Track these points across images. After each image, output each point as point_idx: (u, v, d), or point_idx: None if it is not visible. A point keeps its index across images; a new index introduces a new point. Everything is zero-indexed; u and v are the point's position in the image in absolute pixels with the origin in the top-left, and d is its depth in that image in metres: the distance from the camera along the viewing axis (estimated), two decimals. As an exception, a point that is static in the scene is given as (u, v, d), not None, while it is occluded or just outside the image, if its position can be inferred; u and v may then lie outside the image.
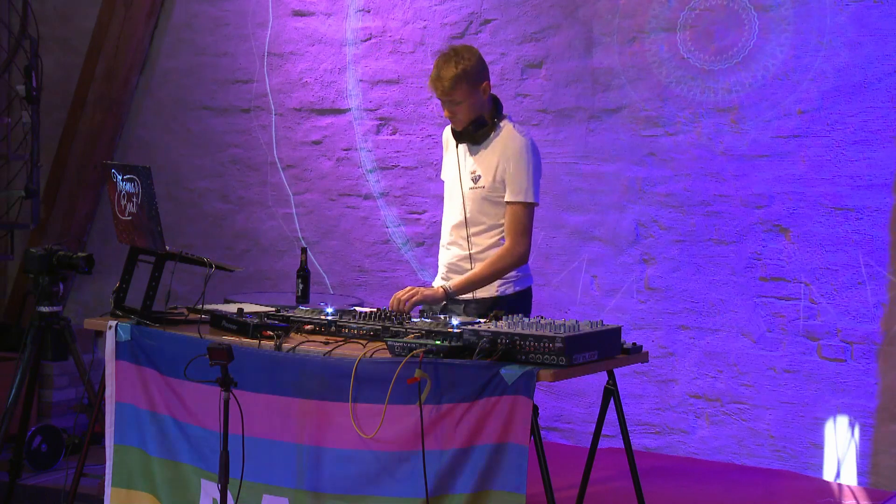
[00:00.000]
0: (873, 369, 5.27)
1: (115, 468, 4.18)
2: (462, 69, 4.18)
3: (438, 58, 4.25)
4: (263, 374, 3.79)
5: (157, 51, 6.84)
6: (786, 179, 5.41)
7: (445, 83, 4.18)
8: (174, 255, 4.16)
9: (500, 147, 4.26)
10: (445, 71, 4.18)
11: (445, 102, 4.25)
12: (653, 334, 5.67)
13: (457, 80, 4.17)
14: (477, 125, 4.26)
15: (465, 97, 4.21)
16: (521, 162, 4.23)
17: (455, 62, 4.19)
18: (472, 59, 4.22)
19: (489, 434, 3.44)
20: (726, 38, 5.48)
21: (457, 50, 4.25)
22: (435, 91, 4.25)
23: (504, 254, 4.26)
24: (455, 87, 4.18)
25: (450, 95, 4.20)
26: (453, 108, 4.24)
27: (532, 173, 4.25)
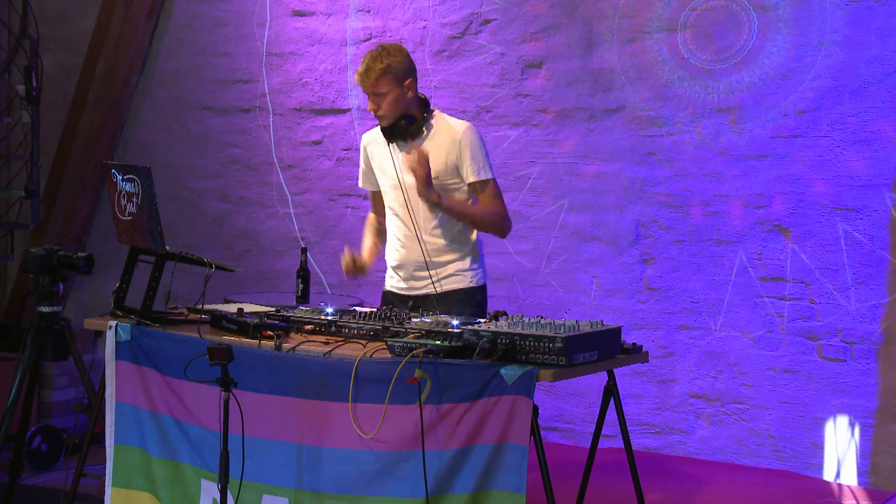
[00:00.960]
0: (873, 369, 5.27)
1: (115, 468, 4.18)
2: (387, 63, 4.26)
3: (366, 54, 4.34)
4: (263, 374, 3.79)
5: (157, 51, 6.84)
6: (786, 179, 5.41)
7: (371, 75, 4.26)
8: (174, 255, 4.16)
9: (442, 135, 4.31)
10: (371, 64, 4.27)
11: (370, 95, 4.31)
12: (653, 334, 5.67)
13: (381, 72, 4.25)
14: (408, 121, 4.30)
15: (388, 89, 4.26)
16: (473, 143, 4.30)
17: (381, 58, 4.27)
18: (398, 56, 4.30)
19: (489, 434, 3.44)
20: (726, 38, 5.48)
21: (385, 47, 4.34)
22: (361, 84, 4.32)
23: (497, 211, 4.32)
24: (379, 79, 4.25)
25: (374, 87, 4.26)
26: (378, 101, 4.29)
27: (485, 152, 4.34)
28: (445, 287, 4.36)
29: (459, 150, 4.28)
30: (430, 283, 4.33)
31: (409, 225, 4.37)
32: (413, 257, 4.38)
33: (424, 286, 4.37)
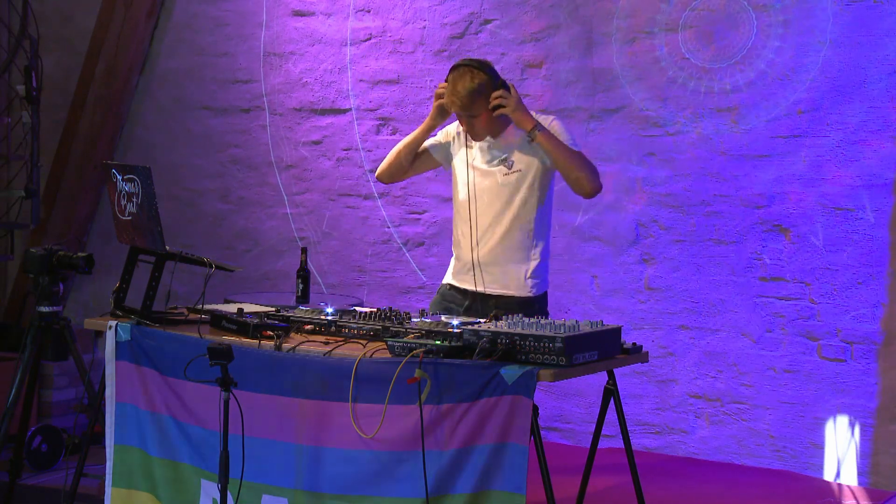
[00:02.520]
0: (873, 369, 5.27)
1: (115, 468, 4.18)
2: (478, 83, 4.17)
3: (452, 71, 4.22)
4: (263, 374, 3.79)
5: (157, 51, 6.84)
6: (786, 179, 5.41)
7: (463, 98, 4.16)
8: (174, 255, 4.16)
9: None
10: (461, 85, 4.17)
11: (463, 117, 4.24)
12: (653, 334, 5.67)
13: (474, 94, 4.16)
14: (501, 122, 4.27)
15: (482, 110, 4.20)
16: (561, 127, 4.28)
17: (470, 76, 4.17)
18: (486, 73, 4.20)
19: (489, 434, 3.44)
20: (726, 38, 5.48)
21: (472, 64, 4.22)
22: (453, 106, 4.22)
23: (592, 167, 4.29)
24: (472, 102, 4.18)
25: (469, 110, 4.20)
26: (471, 122, 4.24)
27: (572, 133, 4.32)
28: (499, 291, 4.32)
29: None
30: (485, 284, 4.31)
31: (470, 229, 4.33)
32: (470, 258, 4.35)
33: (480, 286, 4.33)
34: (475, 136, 4.29)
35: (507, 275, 4.31)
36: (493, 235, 4.32)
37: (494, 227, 4.31)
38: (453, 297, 4.41)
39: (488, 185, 4.31)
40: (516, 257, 4.32)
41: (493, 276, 4.32)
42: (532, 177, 4.29)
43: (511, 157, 4.29)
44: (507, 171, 4.29)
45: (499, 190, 4.30)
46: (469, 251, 4.35)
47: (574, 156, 4.26)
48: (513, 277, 4.31)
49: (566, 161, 4.24)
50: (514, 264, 4.31)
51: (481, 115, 4.21)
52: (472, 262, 4.33)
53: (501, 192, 4.30)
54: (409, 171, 4.55)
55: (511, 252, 4.31)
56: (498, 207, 4.30)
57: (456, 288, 4.43)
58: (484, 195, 4.31)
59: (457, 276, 4.44)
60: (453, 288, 4.45)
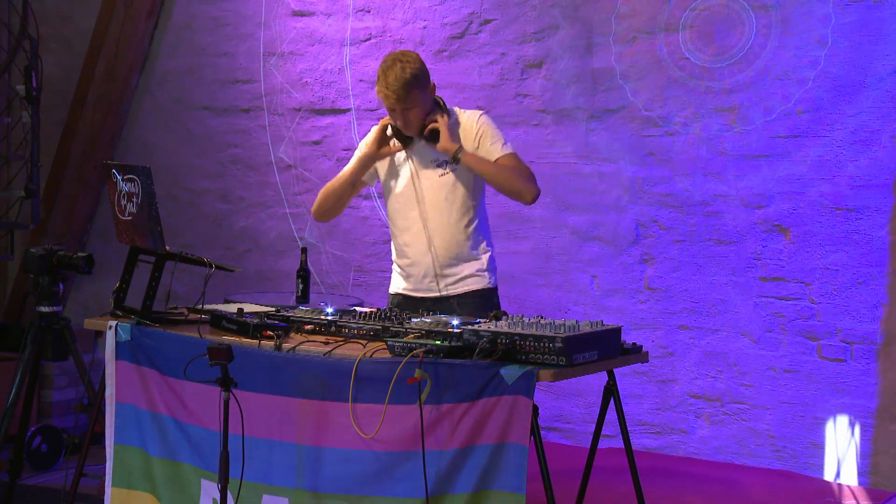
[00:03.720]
0: (873, 369, 5.27)
1: (115, 468, 4.18)
2: (411, 73, 4.16)
3: (381, 66, 4.21)
4: (263, 374, 3.79)
5: (157, 51, 6.84)
6: (786, 179, 5.41)
7: (398, 90, 4.15)
8: (174, 255, 4.16)
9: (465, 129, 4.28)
10: (393, 77, 4.15)
11: (397, 111, 4.22)
12: (653, 334, 5.67)
13: (409, 85, 4.15)
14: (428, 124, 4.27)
15: (416, 102, 4.19)
16: (490, 128, 4.27)
17: (401, 67, 4.16)
18: (416, 62, 4.20)
19: (489, 434, 3.44)
20: (726, 38, 5.48)
21: (399, 57, 4.22)
22: (387, 100, 4.20)
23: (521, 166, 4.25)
24: (408, 92, 4.16)
25: (403, 103, 4.18)
26: (406, 115, 4.22)
27: (502, 132, 4.30)
28: (461, 289, 4.33)
29: (477, 136, 4.26)
30: (445, 285, 4.31)
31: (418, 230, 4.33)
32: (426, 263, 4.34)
33: (442, 289, 4.34)
34: (409, 129, 4.26)
35: (465, 272, 4.32)
36: (444, 237, 4.32)
37: (444, 228, 4.31)
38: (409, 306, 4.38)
39: (429, 186, 4.31)
40: (471, 254, 4.33)
41: (453, 276, 4.32)
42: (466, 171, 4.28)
43: (443, 157, 4.27)
44: (443, 171, 4.29)
45: (439, 189, 4.30)
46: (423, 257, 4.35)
47: (502, 172, 4.23)
48: (472, 274, 4.32)
49: (495, 180, 4.25)
50: (470, 261, 4.33)
51: (415, 108, 4.20)
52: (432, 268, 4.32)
53: (442, 192, 4.30)
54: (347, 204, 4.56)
55: (466, 250, 4.32)
56: (444, 207, 4.30)
57: (410, 297, 4.40)
58: (426, 197, 4.32)
59: (412, 285, 4.40)
60: (407, 298, 4.42)
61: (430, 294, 4.36)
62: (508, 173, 4.22)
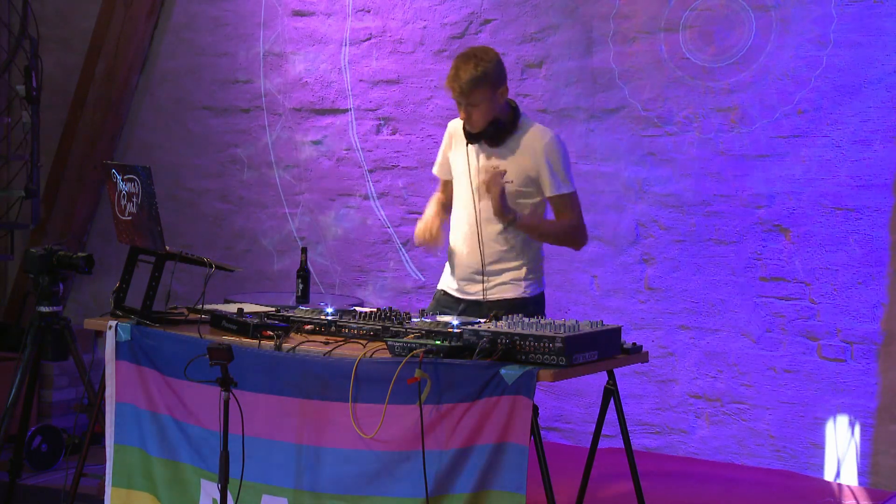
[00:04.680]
0: (873, 369, 5.27)
1: (115, 468, 4.18)
2: (482, 71, 4.13)
3: (457, 58, 4.20)
4: (263, 374, 3.79)
5: (157, 51, 6.84)
6: (786, 179, 5.41)
7: (464, 84, 4.12)
8: (174, 255, 4.16)
9: (530, 145, 4.23)
10: (464, 72, 4.13)
11: (462, 105, 4.20)
12: (653, 334, 5.67)
13: (476, 81, 4.13)
14: (496, 127, 4.22)
15: (482, 100, 4.16)
16: (558, 154, 4.24)
17: (475, 63, 4.13)
18: (491, 61, 4.17)
19: (489, 434, 3.44)
20: (726, 38, 5.48)
21: (476, 52, 4.20)
22: (451, 92, 4.19)
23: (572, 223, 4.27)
24: (474, 89, 4.13)
25: (468, 98, 4.15)
26: (469, 111, 4.19)
27: (567, 163, 4.29)
28: (495, 296, 4.31)
29: (540, 161, 4.22)
30: (482, 288, 4.30)
31: (472, 229, 4.32)
32: (470, 260, 4.33)
33: (476, 291, 4.33)
34: (472, 126, 4.24)
35: (506, 279, 4.31)
36: (492, 238, 4.31)
37: (495, 231, 4.30)
38: (448, 304, 4.39)
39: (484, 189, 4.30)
40: (515, 261, 4.31)
41: (493, 281, 4.31)
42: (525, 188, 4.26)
43: (504, 167, 4.23)
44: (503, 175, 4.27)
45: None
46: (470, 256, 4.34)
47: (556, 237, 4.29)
48: (511, 282, 4.31)
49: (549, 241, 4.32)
50: (512, 269, 4.31)
51: (480, 105, 4.17)
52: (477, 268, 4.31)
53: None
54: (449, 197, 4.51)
55: (511, 255, 4.30)
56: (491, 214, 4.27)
57: (450, 295, 4.42)
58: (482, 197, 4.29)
59: (453, 284, 4.41)
60: (447, 295, 4.44)
61: (467, 297, 4.35)
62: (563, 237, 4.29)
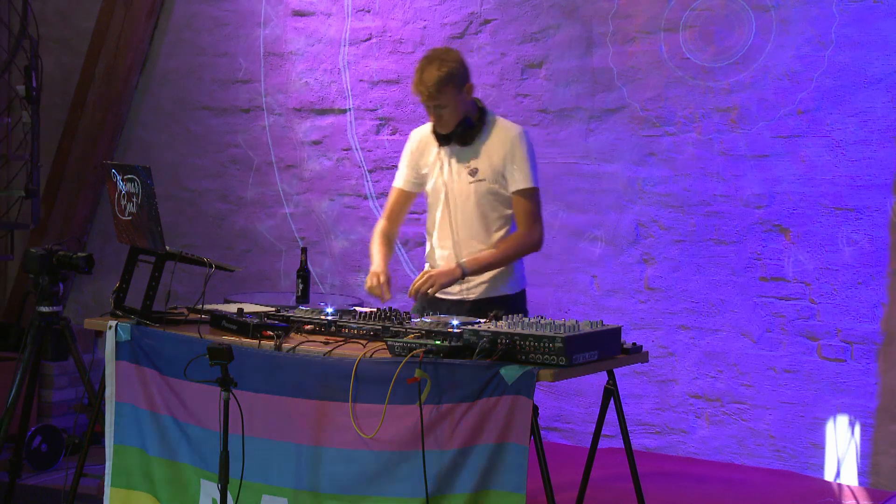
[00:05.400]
0: (873, 369, 5.27)
1: (115, 468, 4.18)
2: (447, 71, 4.15)
3: (420, 62, 4.22)
4: (263, 374, 3.79)
5: (157, 51, 6.84)
6: (786, 179, 5.41)
7: (430, 86, 4.14)
8: (174, 255, 4.16)
9: (498, 140, 4.27)
10: (429, 74, 4.15)
11: (430, 107, 4.22)
12: (653, 334, 5.67)
13: (442, 82, 4.14)
14: (465, 126, 4.25)
15: (449, 101, 4.18)
16: (523, 150, 4.26)
17: (438, 65, 4.16)
18: (455, 62, 4.20)
19: (489, 434, 3.44)
20: (726, 38, 5.48)
21: (440, 53, 4.23)
22: (420, 96, 4.21)
23: (523, 238, 4.28)
24: (441, 90, 4.15)
25: (436, 99, 4.17)
26: (439, 112, 4.22)
27: (533, 159, 4.30)
28: (477, 295, 4.33)
29: (511, 155, 4.24)
30: (462, 288, 4.31)
31: (446, 232, 4.33)
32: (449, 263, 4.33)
33: (458, 292, 4.34)
34: (443, 127, 4.26)
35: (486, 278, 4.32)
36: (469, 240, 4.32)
37: (470, 233, 4.32)
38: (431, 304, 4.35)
39: (459, 190, 4.31)
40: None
41: (475, 281, 4.32)
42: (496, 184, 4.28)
43: (476, 165, 4.27)
44: (473, 178, 4.29)
45: (469, 195, 4.30)
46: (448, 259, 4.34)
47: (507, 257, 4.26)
48: (494, 280, 4.32)
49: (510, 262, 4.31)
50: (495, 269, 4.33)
51: (449, 106, 4.19)
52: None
53: (472, 197, 4.30)
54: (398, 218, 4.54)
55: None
56: (471, 212, 4.30)
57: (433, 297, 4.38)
58: (456, 201, 4.31)
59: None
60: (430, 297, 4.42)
61: (449, 297, 4.35)
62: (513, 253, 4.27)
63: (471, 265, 4.21)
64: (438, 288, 4.13)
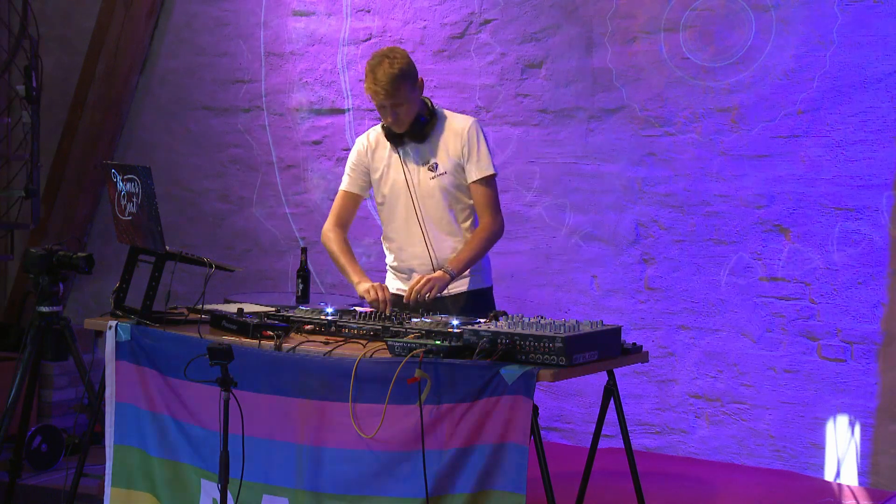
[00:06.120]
0: (873, 369, 5.27)
1: (115, 468, 4.18)
2: (399, 68, 4.15)
3: (369, 64, 4.20)
4: (263, 374, 3.79)
5: (157, 51, 6.84)
6: (786, 179, 5.41)
7: (386, 86, 4.13)
8: (174, 255, 4.16)
9: (452, 133, 4.29)
10: (381, 73, 4.14)
11: (385, 107, 4.20)
12: (653, 334, 5.68)
13: (397, 81, 4.14)
14: (419, 123, 4.26)
15: (405, 98, 4.18)
16: (478, 139, 4.28)
17: (389, 63, 4.16)
18: (403, 59, 4.20)
19: (489, 434, 3.44)
20: (726, 38, 5.48)
21: (387, 53, 4.21)
22: (375, 96, 4.19)
23: (490, 228, 4.30)
24: (396, 88, 4.15)
25: (392, 97, 4.16)
26: (396, 110, 4.21)
27: (489, 146, 4.32)
28: (457, 289, 4.34)
29: (467, 145, 4.27)
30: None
31: (415, 231, 4.34)
32: (423, 262, 4.35)
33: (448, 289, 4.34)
34: (400, 125, 4.26)
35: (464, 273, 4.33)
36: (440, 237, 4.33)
37: (440, 229, 4.33)
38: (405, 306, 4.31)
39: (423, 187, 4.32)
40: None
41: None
42: (457, 177, 4.30)
43: (435, 160, 4.29)
44: (434, 173, 4.29)
45: (433, 190, 4.31)
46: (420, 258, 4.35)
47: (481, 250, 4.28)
48: (467, 274, 4.34)
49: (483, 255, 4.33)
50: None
51: (405, 103, 4.20)
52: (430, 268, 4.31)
53: (436, 193, 4.31)
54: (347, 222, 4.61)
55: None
56: (438, 208, 4.32)
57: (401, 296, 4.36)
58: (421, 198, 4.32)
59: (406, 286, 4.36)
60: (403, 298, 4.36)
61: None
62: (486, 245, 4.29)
63: (455, 266, 4.21)
64: (437, 292, 4.13)
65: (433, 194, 4.31)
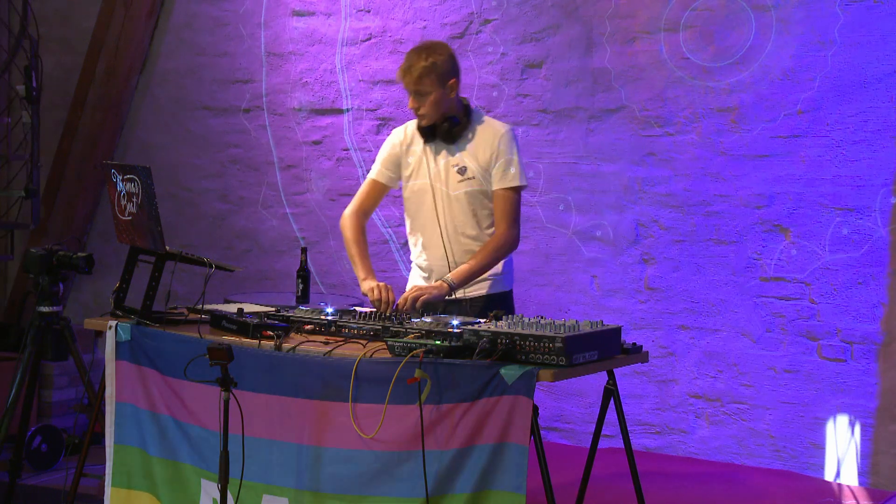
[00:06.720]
0: (873, 369, 5.27)
1: (115, 468, 4.18)
2: (432, 62, 4.20)
3: (410, 50, 4.28)
4: (263, 374, 3.79)
5: (157, 51, 6.84)
6: (786, 179, 5.41)
7: (414, 73, 4.20)
8: (174, 255, 4.16)
9: (485, 139, 4.28)
10: (415, 61, 4.21)
11: (412, 93, 4.25)
12: (653, 334, 5.68)
13: (425, 71, 4.18)
14: (451, 123, 4.26)
15: (431, 90, 4.21)
16: (510, 147, 4.27)
17: (426, 55, 4.21)
18: (443, 55, 4.23)
19: (489, 434, 3.44)
20: (726, 38, 5.48)
21: (429, 45, 4.29)
22: (402, 80, 4.26)
23: (502, 240, 4.28)
24: (423, 77, 4.19)
25: (417, 86, 4.21)
26: (419, 100, 4.24)
27: (521, 157, 4.31)
28: (474, 293, 4.33)
29: (494, 153, 4.26)
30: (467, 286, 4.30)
31: (437, 233, 4.34)
32: (442, 263, 4.34)
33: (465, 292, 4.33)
34: (423, 118, 4.28)
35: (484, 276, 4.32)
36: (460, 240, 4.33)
37: (462, 231, 4.32)
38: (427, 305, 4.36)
39: (448, 189, 4.31)
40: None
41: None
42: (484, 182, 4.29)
43: (464, 163, 4.28)
44: (462, 177, 4.29)
45: (459, 193, 4.30)
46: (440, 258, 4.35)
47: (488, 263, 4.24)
48: (486, 278, 4.33)
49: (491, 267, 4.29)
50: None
51: (429, 96, 4.21)
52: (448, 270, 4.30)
53: (461, 196, 4.30)
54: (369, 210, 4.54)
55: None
56: (462, 210, 4.31)
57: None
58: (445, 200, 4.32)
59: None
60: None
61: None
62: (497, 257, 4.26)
63: (457, 279, 4.21)
64: (423, 302, 4.11)
65: (459, 197, 4.30)
